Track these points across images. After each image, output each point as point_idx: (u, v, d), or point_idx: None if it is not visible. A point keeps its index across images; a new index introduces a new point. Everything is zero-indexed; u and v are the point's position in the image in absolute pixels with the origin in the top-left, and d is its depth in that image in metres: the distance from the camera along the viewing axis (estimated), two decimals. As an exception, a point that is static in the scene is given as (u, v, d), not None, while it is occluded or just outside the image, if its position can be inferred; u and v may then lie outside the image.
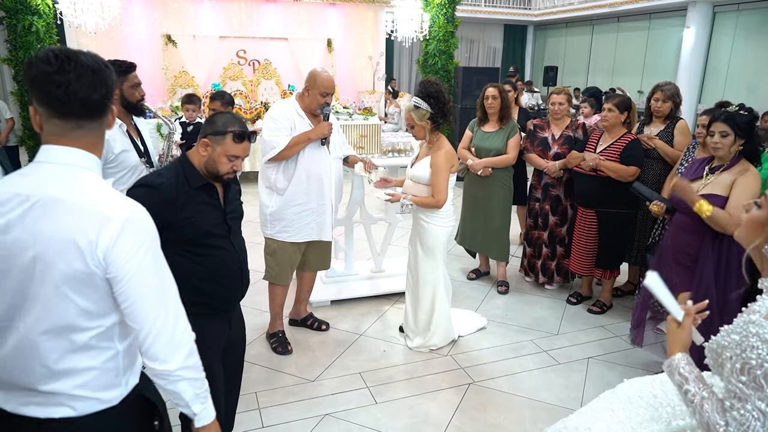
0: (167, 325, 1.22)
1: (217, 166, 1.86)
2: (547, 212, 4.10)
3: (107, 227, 1.12)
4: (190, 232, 1.86)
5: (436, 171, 3.11)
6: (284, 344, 3.31)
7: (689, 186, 2.67)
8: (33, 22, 6.72)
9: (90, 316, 1.18)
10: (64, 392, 1.19)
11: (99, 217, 1.12)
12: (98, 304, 1.18)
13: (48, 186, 1.14)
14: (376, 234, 4.36)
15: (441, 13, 8.67)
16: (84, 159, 1.18)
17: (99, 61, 1.18)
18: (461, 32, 10.25)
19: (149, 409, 1.36)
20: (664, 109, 3.73)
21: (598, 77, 13.56)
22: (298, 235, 3.18)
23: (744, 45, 9.98)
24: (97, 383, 1.22)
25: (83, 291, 1.15)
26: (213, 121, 1.87)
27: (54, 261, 1.11)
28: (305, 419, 2.70)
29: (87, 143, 1.19)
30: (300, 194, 3.11)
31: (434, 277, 3.30)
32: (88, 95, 1.14)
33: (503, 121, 4.03)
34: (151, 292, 1.20)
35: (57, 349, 1.17)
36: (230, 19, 9.73)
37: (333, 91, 3.07)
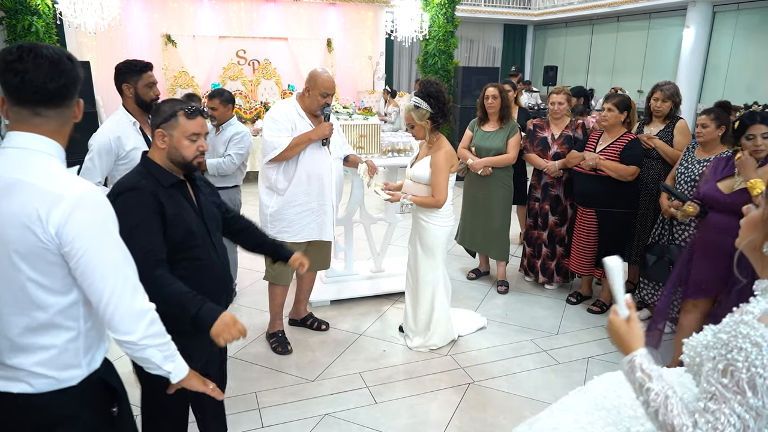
0: (124, 297, 1.27)
1: (181, 152, 1.78)
2: (546, 212, 4.10)
3: (59, 204, 1.17)
4: (178, 232, 1.76)
5: (436, 171, 3.11)
6: (284, 344, 3.31)
7: (751, 160, 2.59)
8: (33, 22, 6.73)
9: (48, 292, 1.23)
10: (24, 368, 1.24)
11: (51, 195, 1.17)
12: (55, 280, 1.23)
13: (7, 169, 1.20)
14: (376, 234, 4.37)
15: (441, 13, 8.67)
16: (44, 144, 1.24)
17: (60, 54, 1.23)
18: (461, 32, 10.26)
19: (109, 395, 1.39)
20: (664, 108, 3.73)
21: (598, 77, 13.57)
22: (298, 235, 3.17)
23: (744, 44, 9.98)
24: (56, 362, 1.26)
25: (37, 265, 1.20)
26: (159, 110, 1.80)
27: (8, 237, 1.17)
28: (305, 419, 2.70)
29: (47, 130, 1.25)
30: (300, 194, 3.11)
31: (434, 277, 3.30)
32: (43, 84, 1.20)
33: (503, 121, 4.03)
34: (105, 266, 1.24)
35: (19, 323, 1.22)
36: (230, 19, 9.74)
37: (333, 91, 3.08)
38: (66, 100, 1.26)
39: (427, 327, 3.36)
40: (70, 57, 1.26)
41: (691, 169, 3.22)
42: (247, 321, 3.72)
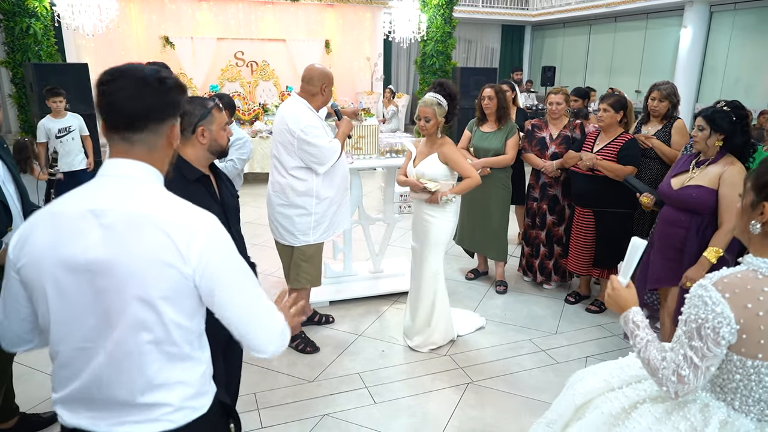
0: (265, 322, 1.27)
1: (219, 142, 1.96)
2: (544, 212, 4.11)
3: (195, 239, 1.13)
4: None
5: (455, 158, 3.20)
6: (311, 343, 3.35)
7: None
8: (31, 25, 6.73)
9: (181, 329, 1.17)
10: (162, 402, 1.18)
11: (185, 229, 1.13)
12: (189, 315, 1.18)
13: (120, 201, 1.13)
14: (375, 235, 4.37)
15: (439, 14, 8.70)
16: (142, 170, 1.17)
17: (150, 74, 1.15)
18: (459, 33, 10.28)
19: (226, 413, 1.40)
20: (661, 108, 3.74)
21: (596, 77, 13.58)
22: (337, 230, 3.32)
23: (741, 44, 10.00)
24: (191, 393, 1.23)
25: (181, 304, 1.15)
26: (191, 112, 1.91)
27: (144, 278, 1.10)
28: (304, 420, 2.70)
29: (139, 155, 1.18)
30: (335, 193, 3.20)
31: (436, 271, 3.33)
32: (124, 106, 1.14)
33: (501, 122, 4.04)
34: (247, 298, 1.23)
35: (156, 360, 1.16)
36: (228, 21, 9.75)
37: None
38: (150, 122, 1.17)
39: (427, 324, 3.35)
40: (164, 78, 1.18)
41: (688, 169, 3.24)
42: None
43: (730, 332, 1.24)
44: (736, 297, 1.24)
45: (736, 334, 1.24)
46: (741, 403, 1.33)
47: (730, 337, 1.24)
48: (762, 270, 1.27)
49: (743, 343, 1.25)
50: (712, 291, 1.26)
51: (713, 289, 1.27)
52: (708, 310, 1.25)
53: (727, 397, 1.36)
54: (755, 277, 1.27)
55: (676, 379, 1.30)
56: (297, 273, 3.24)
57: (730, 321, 1.23)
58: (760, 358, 1.25)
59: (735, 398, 1.33)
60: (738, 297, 1.24)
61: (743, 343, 1.25)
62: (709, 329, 1.25)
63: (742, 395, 1.32)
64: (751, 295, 1.24)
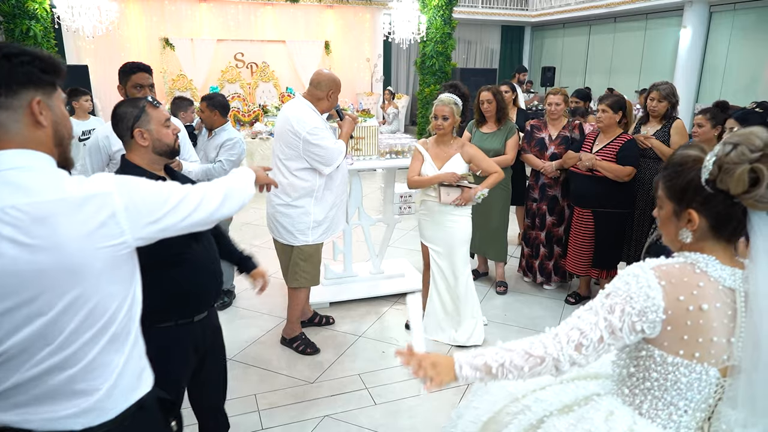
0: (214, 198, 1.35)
1: (164, 140, 1.84)
2: (544, 212, 4.12)
3: (113, 199, 1.12)
4: None
5: (481, 156, 3.32)
6: (311, 344, 3.36)
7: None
8: (31, 27, 6.74)
9: (116, 299, 1.17)
10: (98, 389, 1.15)
11: (100, 196, 1.11)
12: (124, 283, 1.18)
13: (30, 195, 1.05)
14: (375, 236, 4.37)
15: (438, 15, 8.70)
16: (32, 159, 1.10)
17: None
18: (458, 33, 10.29)
19: (166, 409, 1.37)
20: (660, 108, 3.75)
21: (596, 77, 13.59)
22: (336, 230, 3.33)
23: (740, 44, 10.01)
24: (126, 381, 1.20)
25: (115, 274, 1.15)
26: (124, 115, 1.82)
27: (82, 256, 1.08)
28: (304, 421, 2.70)
29: (11, 141, 1.09)
30: (335, 194, 3.22)
31: (467, 268, 3.45)
32: None
33: (501, 122, 4.04)
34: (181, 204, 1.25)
35: (96, 344, 1.14)
36: (228, 22, 9.76)
37: None
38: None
39: (472, 316, 3.46)
40: (7, 54, 1.08)
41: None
42: (246, 322, 3.73)
43: (651, 322, 1.17)
44: (671, 287, 1.18)
45: (660, 326, 1.18)
46: (649, 407, 1.26)
47: (649, 327, 1.18)
48: (700, 264, 1.20)
49: (666, 336, 1.19)
50: (650, 274, 1.19)
51: (651, 273, 1.19)
52: (641, 291, 1.17)
53: (635, 400, 1.28)
54: (693, 270, 1.20)
55: (573, 350, 1.20)
56: (295, 272, 3.24)
57: (658, 309, 1.17)
58: (681, 355, 1.18)
59: (644, 401, 1.26)
60: (673, 287, 1.17)
61: (666, 335, 1.18)
62: (634, 310, 1.17)
63: (653, 397, 1.25)
64: (686, 288, 1.17)
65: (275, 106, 9.00)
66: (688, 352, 1.18)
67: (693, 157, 1.19)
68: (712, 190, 1.15)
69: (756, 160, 1.09)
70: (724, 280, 1.18)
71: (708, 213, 1.19)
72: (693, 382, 1.19)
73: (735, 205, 1.14)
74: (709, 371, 1.18)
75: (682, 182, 1.21)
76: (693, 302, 1.16)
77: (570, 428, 1.34)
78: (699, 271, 1.19)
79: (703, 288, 1.17)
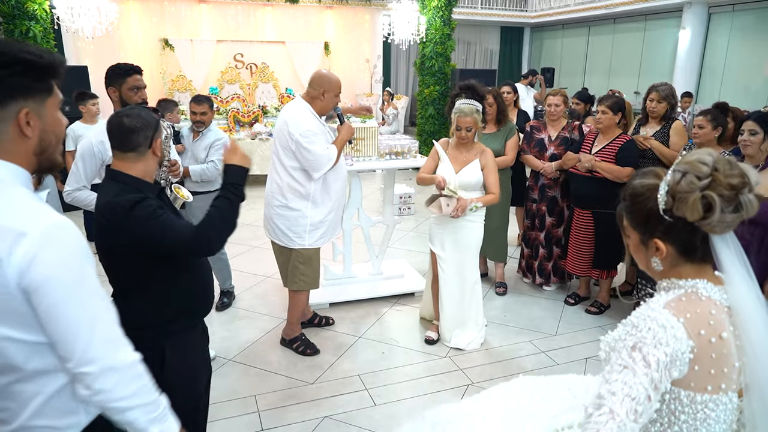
0: (103, 352, 1.08)
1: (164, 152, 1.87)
2: (543, 213, 4.12)
3: (20, 243, 0.98)
4: None
5: (494, 169, 3.27)
6: (311, 345, 3.36)
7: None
8: (30, 28, 6.73)
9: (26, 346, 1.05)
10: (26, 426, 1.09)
11: (11, 233, 0.99)
12: (31, 330, 1.05)
13: None
14: (374, 236, 4.37)
15: (438, 16, 8.70)
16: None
17: None
18: (458, 34, 10.29)
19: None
20: (659, 109, 3.75)
21: (595, 78, 13.60)
22: (331, 235, 3.30)
23: (739, 45, 10.02)
24: (51, 409, 1.11)
25: (7, 319, 1.02)
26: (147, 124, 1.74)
27: None
28: (304, 422, 2.70)
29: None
30: (334, 198, 3.21)
31: (477, 274, 3.45)
32: None
33: (501, 123, 4.05)
34: (81, 319, 1.05)
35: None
36: (227, 23, 9.75)
37: (341, 91, 3.19)
38: None
39: (476, 322, 3.46)
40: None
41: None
42: (246, 323, 3.73)
43: (683, 363, 1.07)
44: (690, 322, 1.09)
45: (688, 366, 1.07)
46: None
47: (680, 370, 1.07)
48: (700, 290, 1.14)
49: (693, 375, 1.09)
50: (666, 313, 1.09)
51: (667, 312, 1.09)
52: (668, 335, 1.06)
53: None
54: (698, 299, 1.13)
55: (633, 422, 1.02)
56: (294, 275, 3.24)
57: (686, 349, 1.07)
58: (709, 391, 1.09)
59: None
60: (691, 322, 1.09)
61: (693, 374, 1.08)
62: (667, 357, 1.05)
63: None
64: (703, 320, 1.09)
65: (275, 107, 9.00)
66: (716, 386, 1.10)
67: (649, 186, 1.18)
68: (671, 219, 1.13)
69: (706, 187, 1.08)
70: (724, 300, 1.14)
71: (673, 240, 1.16)
72: (720, 414, 1.13)
73: (697, 230, 1.12)
74: (733, 398, 1.13)
75: (642, 212, 1.19)
76: (713, 333, 1.09)
77: None
78: (705, 298, 1.13)
79: (715, 315, 1.11)
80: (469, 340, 3.42)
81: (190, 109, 3.75)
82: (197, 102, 3.73)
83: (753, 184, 1.08)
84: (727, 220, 1.08)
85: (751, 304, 1.11)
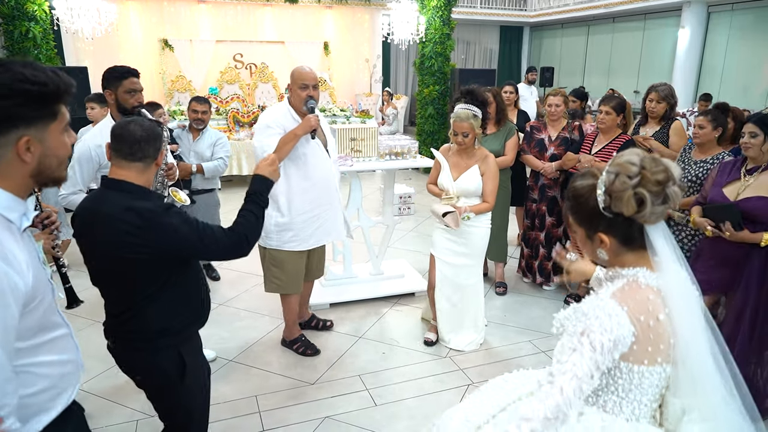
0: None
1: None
2: (543, 213, 4.13)
3: None
4: None
5: (493, 177, 3.18)
6: (311, 346, 3.35)
7: (747, 234, 2.64)
8: (30, 29, 6.73)
9: None
10: None
11: None
12: None
13: None
14: (374, 237, 4.38)
15: (437, 16, 8.69)
16: None
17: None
18: (457, 34, 10.28)
19: None
20: (659, 109, 3.76)
21: (594, 78, 13.61)
22: (307, 242, 3.14)
23: (739, 44, 10.03)
24: None
25: None
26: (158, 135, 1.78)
27: None
28: (305, 422, 2.71)
29: None
30: (306, 202, 3.06)
31: (480, 276, 3.44)
32: None
33: (500, 123, 4.05)
34: None
35: None
36: (227, 23, 9.75)
37: (313, 82, 2.96)
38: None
39: (475, 324, 3.46)
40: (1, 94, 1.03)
41: (688, 170, 3.24)
42: (246, 324, 3.73)
43: (624, 345, 1.24)
44: (632, 310, 1.25)
45: (629, 346, 1.25)
46: (614, 405, 1.34)
47: (624, 349, 1.25)
48: (639, 279, 1.30)
49: (632, 352, 1.26)
50: (612, 303, 1.26)
51: (613, 301, 1.26)
52: (613, 323, 1.23)
53: (599, 401, 1.36)
54: (638, 287, 1.29)
55: (577, 400, 1.22)
56: (267, 276, 3.20)
57: (629, 333, 1.24)
58: (645, 364, 1.28)
59: (608, 401, 1.35)
60: (633, 309, 1.25)
61: (632, 352, 1.26)
62: (611, 342, 1.22)
63: (618, 398, 1.33)
64: (643, 306, 1.26)
65: (274, 107, 8.98)
66: (652, 360, 1.28)
67: (589, 187, 1.32)
68: (611, 215, 1.28)
69: (637, 185, 1.23)
70: (658, 285, 1.29)
71: (615, 233, 1.32)
72: (654, 381, 1.30)
73: (634, 222, 1.28)
74: (666, 369, 1.30)
75: (585, 210, 1.34)
76: (651, 317, 1.26)
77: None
78: (644, 286, 1.30)
79: (653, 300, 1.27)
80: (468, 342, 3.43)
81: (191, 108, 3.95)
82: (200, 102, 3.94)
83: (676, 177, 1.23)
84: (657, 211, 1.24)
85: (678, 285, 1.28)
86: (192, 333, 1.92)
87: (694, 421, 1.30)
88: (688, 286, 1.30)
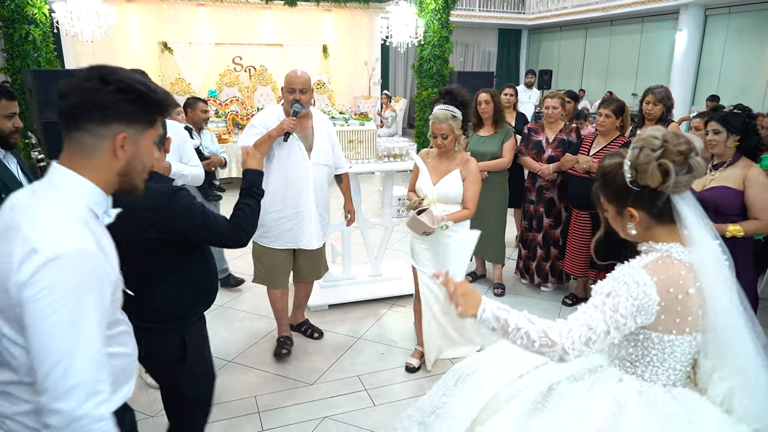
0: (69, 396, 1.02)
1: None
2: (541, 214, 4.15)
3: (30, 259, 1.00)
4: None
5: (474, 182, 2.98)
6: (280, 349, 3.30)
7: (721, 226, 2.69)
8: (30, 31, 6.75)
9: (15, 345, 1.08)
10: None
11: (29, 247, 1.02)
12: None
13: (18, 211, 1.08)
14: (373, 238, 4.40)
15: (435, 18, 8.74)
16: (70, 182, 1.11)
17: (95, 72, 1.10)
18: (456, 37, 10.33)
19: None
20: (656, 112, 3.78)
21: (592, 80, 13.67)
22: (277, 241, 3.14)
23: (736, 47, 10.08)
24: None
25: (9, 321, 1.06)
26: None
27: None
28: (304, 422, 2.72)
29: (72, 160, 1.11)
30: (276, 201, 3.06)
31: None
32: (61, 97, 1.09)
33: (498, 125, 4.07)
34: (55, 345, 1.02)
35: None
36: (226, 26, 9.79)
37: (300, 86, 2.96)
38: (78, 122, 1.09)
39: (464, 335, 3.32)
40: (106, 77, 1.09)
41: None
42: (246, 325, 3.75)
43: (649, 314, 1.33)
44: (662, 282, 1.33)
45: (655, 315, 1.34)
46: (651, 374, 1.43)
47: (647, 318, 1.33)
48: (673, 255, 1.37)
49: (661, 322, 1.35)
50: (643, 273, 1.34)
51: (644, 271, 1.34)
52: (639, 290, 1.32)
53: (637, 370, 1.45)
54: (671, 262, 1.36)
55: (583, 345, 1.32)
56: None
57: (654, 303, 1.32)
58: (674, 333, 1.36)
59: (646, 370, 1.43)
60: (663, 282, 1.33)
61: (660, 321, 1.35)
62: (635, 307, 1.32)
63: (653, 367, 1.42)
64: (673, 280, 1.33)
65: (273, 110, 9.01)
66: (681, 329, 1.36)
67: (615, 164, 1.40)
68: (638, 188, 1.36)
69: (660, 156, 1.30)
70: (690, 260, 1.36)
71: (644, 206, 1.38)
72: (685, 348, 1.39)
73: (660, 194, 1.34)
74: (696, 337, 1.38)
75: (613, 187, 1.42)
76: (681, 290, 1.33)
77: (585, 391, 1.48)
78: (677, 261, 1.36)
79: (684, 276, 1.34)
80: (463, 350, 3.27)
81: (201, 109, 4.20)
82: (206, 102, 4.29)
83: (698, 148, 1.30)
84: (682, 181, 1.31)
85: (710, 256, 1.35)
86: (195, 319, 1.97)
87: (725, 378, 1.37)
88: (719, 257, 1.36)
